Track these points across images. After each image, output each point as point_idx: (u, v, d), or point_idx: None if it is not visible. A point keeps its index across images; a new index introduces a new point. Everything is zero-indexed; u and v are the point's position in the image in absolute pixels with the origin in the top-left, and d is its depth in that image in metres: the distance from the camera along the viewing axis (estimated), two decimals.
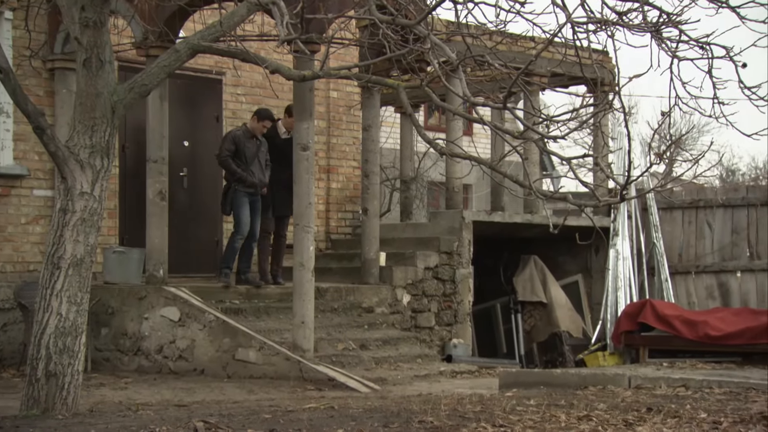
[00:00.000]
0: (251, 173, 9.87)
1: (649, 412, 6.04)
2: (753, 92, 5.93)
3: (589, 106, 8.44)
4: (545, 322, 12.42)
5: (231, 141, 9.90)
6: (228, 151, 9.84)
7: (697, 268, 12.54)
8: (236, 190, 9.81)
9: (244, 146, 9.87)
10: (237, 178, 9.78)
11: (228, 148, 9.86)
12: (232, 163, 9.79)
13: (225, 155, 9.84)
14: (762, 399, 6.73)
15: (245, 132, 10.00)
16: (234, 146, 9.83)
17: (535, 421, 5.67)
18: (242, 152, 9.84)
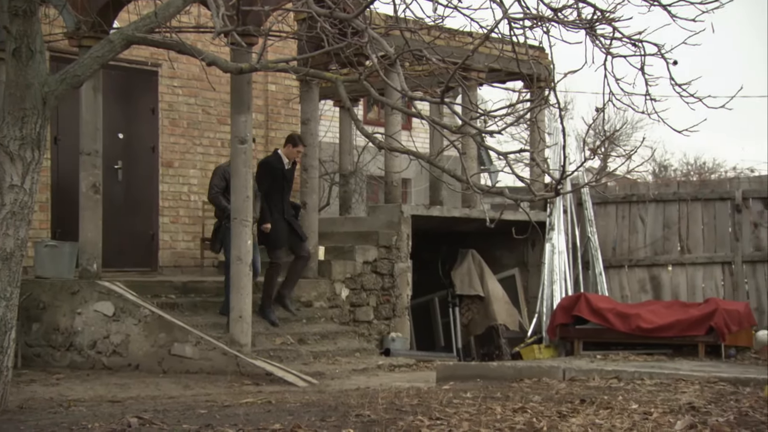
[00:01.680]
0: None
1: (582, 403, 6.14)
2: (684, 89, 6.06)
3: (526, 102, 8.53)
4: (482, 316, 12.53)
5: (221, 176, 9.43)
6: (218, 188, 9.39)
7: (630, 261, 12.77)
8: (227, 228, 9.26)
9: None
10: (227, 214, 9.25)
11: (217, 184, 9.40)
12: (222, 199, 9.33)
13: (215, 192, 9.39)
14: (691, 390, 6.89)
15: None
16: (224, 182, 9.36)
17: (472, 413, 5.72)
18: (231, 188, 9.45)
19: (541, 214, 12.69)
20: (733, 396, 6.54)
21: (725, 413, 5.74)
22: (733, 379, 7.41)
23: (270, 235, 9.77)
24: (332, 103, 14.81)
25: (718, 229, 12.47)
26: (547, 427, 5.28)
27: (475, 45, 5.23)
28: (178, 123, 12.04)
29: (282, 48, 11.44)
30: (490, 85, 12.56)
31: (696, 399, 6.34)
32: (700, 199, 12.54)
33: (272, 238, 9.79)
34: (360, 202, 15.35)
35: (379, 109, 17.37)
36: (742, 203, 12.27)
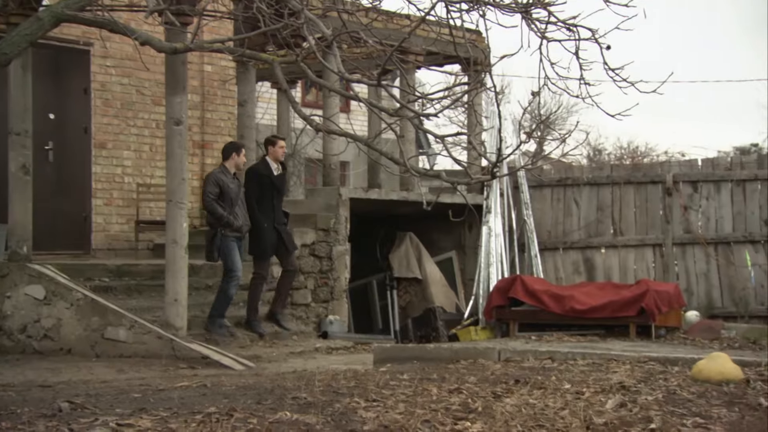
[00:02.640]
0: (236, 216, 9.35)
1: (516, 383, 6.23)
2: (617, 74, 6.14)
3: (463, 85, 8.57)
4: (420, 298, 12.61)
5: (214, 183, 9.24)
6: (213, 195, 9.20)
7: (564, 244, 12.97)
8: (224, 235, 9.19)
9: (228, 187, 9.31)
10: (224, 223, 9.17)
11: (212, 191, 9.21)
12: (218, 207, 9.16)
13: (211, 199, 9.19)
14: (622, 369, 7.04)
15: (225, 171, 9.41)
16: (218, 188, 9.22)
17: (408, 395, 5.77)
18: (227, 194, 9.28)
19: (479, 198, 12.79)
20: (662, 375, 6.70)
21: (654, 392, 5.88)
22: (663, 359, 7.58)
23: (258, 245, 9.64)
24: (270, 85, 14.69)
25: (650, 212, 12.72)
26: (482, 407, 5.34)
27: (412, 27, 5.23)
28: (111, 103, 11.81)
29: (218, 28, 11.29)
30: (427, 68, 12.58)
31: (627, 378, 6.47)
32: (632, 183, 12.78)
33: (260, 248, 9.65)
34: (298, 184, 15.29)
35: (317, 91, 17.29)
36: (673, 187, 12.54)
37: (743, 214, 12.30)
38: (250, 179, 9.75)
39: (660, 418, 4.97)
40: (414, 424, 4.83)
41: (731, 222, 12.35)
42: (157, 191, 11.65)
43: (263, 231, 9.60)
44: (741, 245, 12.25)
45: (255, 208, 9.62)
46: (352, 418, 4.99)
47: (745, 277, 12.22)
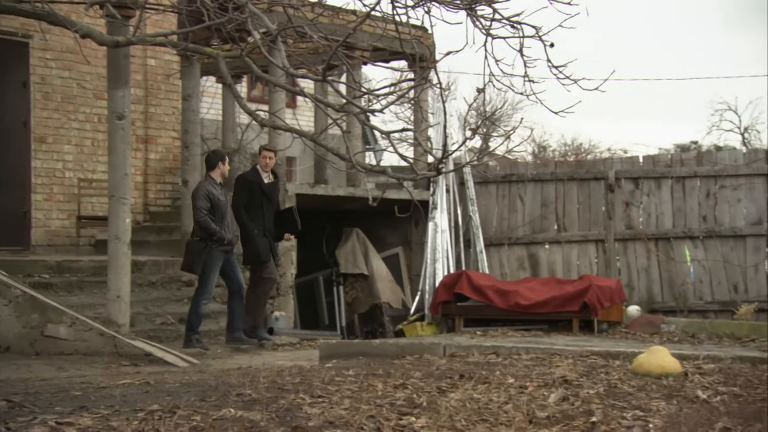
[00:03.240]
0: (227, 229, 9.17)
1: (461, 378, 6.27)
2: (560, 71, 6.21)
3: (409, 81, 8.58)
4: (366, 294, 12.61)
5: (204, 197, 9.00)
6: (205, 209, 8.98)
7: (509, 240, 13.08)
8: (212, 249, 8.99)
9: (218, 200, 9.11)
10: (217, 238, 8.98)
11: (203, 206, 8.97)
12: (211, 223, 8.95)
13: (203, 215, 8.95)
14: (565, 364, 7.12)
15: (213, 183, 9.20)
16: (209, 202, 8.99)
17: (353, 390, 5.76)
18: (217, 207, 9.08)
19: (425, 193, 12.84)
20: (604, 369, 6.79)
21: (596, 385, 5.96)
22: (604, 353, 7.69)
23: (252, 252, 9.51)
24: (215, 80, 14.54)
25: (593, 208, 12.90)
26: (427, 402, 5.37)
27: (357, 23, 5.22)
28: (51, 97, 11.60)
29: (161, 22, 11.15)
30: (373, 64, 12.59)
31: (569, 372, 6.55)
32: (575, 179, 12.94)
33: (255, 254, 9.53)
34: None
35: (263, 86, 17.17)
36: (615, 183, 12.73)
37: (683, 210, 12.54)
38: (240, 186, 9.62)
39: (601, 412, 5.04)
40: (359, 419, 4.83)
41: (671, 218, 12.58)
42: (100, 186, 11.48)
43: (254, 237, 9.46)
44: (680, 241, 12.49)
45: (243, 215, 9.48)
46: (297, 414, 4.97)
47: (684, 273, 12.46)
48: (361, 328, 12.20)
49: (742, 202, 12.35)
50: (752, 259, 12.18)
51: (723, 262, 12.25)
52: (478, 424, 4.84)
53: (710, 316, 12.02)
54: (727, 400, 5.30)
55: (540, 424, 4.82)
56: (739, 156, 12.75)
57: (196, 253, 8.97)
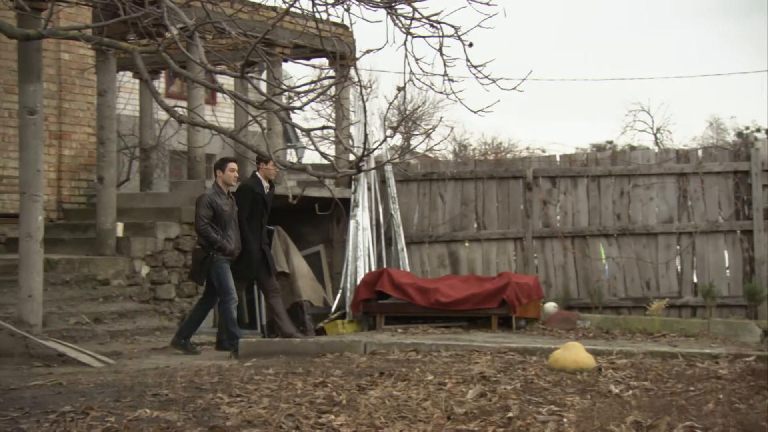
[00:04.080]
0: (229, 239, 8.97)
1: (381, 376, 6.30)
2: (479, 70, 6.27)
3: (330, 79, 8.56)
4: (287, 292, 12.52)
5: (207, 206, 8.82)
6: (206, 218, 8.79)
7: (430, 237, 13.17)
8: (215, 258, 8.83)
9: (221, 209, 8.92)
10: (218, 247, 8.82)
11: (205, 214, 8.79)
12: (212, 232, 8.78)
13: (204, 224, 8.78)
14: (483, 360, 7.22)
15: (219, 191, 9.00)
16: (211, 210, 8.82)
17: (273, 389, 5.74)
18: (220, 216, 8.89)
19: (346, 192, 12.83)
20: (521, 365, 6.90)
21: (513, 381, 6.05)
22: (522, 349, 7.82)
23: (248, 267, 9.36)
24: (131, 75, 14.28)
25: (511, 207, 13.08)
26: (347, 400, 5.38)
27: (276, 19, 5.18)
28: None
29: (75, 15, 10.88)
30: (293, 61, 12.52)
31: (487, 369, 6.64)
32: (495, 178, 13.10)
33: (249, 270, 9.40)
34: (162, 177, 14.93)
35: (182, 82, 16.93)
36: (533, 182, 12.94)
37: (598, 208, 12.81)
38: (245, 197, 9.39)
39: (517, 407, 5.12)
40: (278, 418, 4.81)
41: (587, 216, 12.84)
42: (10, 183, 11.14)
43: (253, 253, 9.33)
44: (596, 239, 12.76)
45: (245, 228, 9.29)
46: (214, 413, 4.92)
47: (599, 270, 12.73)
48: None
49: (654, 201, 12.68)
50: (664, 256, 12.52)
51: (636, 259, 12.56)
52: (397, 421, 4.86)
53: (624, 312, 12.31)
54: (638, 394, 5.44)
55: (458, 420, 4.87)
56: (652, 156, 13.08)
57: (197, 263, 8.96)
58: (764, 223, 12.14)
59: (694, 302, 12.23)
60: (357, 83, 5.94)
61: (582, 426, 4.59)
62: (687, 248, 12.46)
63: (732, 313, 11.99)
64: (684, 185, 12.57)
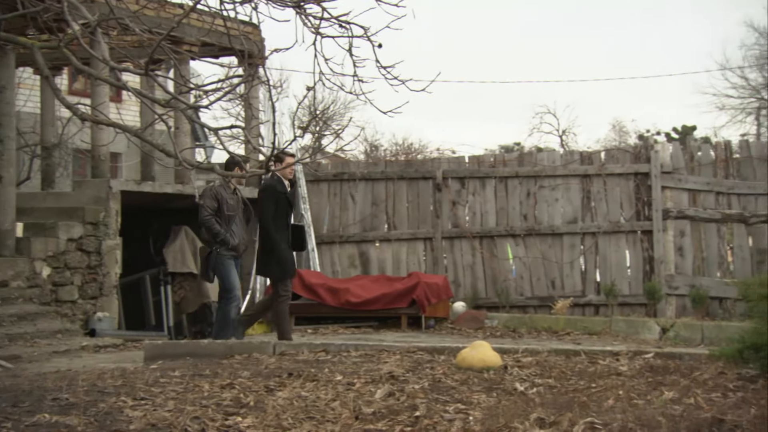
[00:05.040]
0: (233, 234, 8.74)
1: (290, 377, 6.26)
2: (388, 71, 6.29)
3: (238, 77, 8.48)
4: (196, 293, 12.37)
5: (212, 197, 8.63)
6: (211, 209, 8.59)
7: (341, 238, 13.18)
8: (218, 253, 8.63)
9: (226, 203, 8.68)
10: (220, 240, 8.61)
11: (210, 205, 8.60)
12: (215, 224, 8.58)
13: (208, 215, 8.59)
14: (392, 360, 7.24)
15: (225, 185, 8.76)
16: (216, 203, 8.61)
17: (178, 392, 5.65)
18: (223, 209, 8.67)
19: (256, 191, 12.71)
20: (430, 364, 6.95)
21: (421, 380, 6.09)
22: (431, 348, 7.88)
23: (280, 268, 9.02)
24: (32, 71, 13.86)
25: (421, 207, 13.20)
26: (254, 401, 5.33)
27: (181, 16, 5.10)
28: None
29: None
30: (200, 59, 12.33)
31: (396, 368, 6.67)
32: (405, 178, 13.19)
33: (282, 270, 9.04)
34: (65, 176, 14.54)
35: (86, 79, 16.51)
36: (443, 182, 13.08)
37: (505, 209, 13.03)
38: (268, 197, 9.11)
39: (425, 406, 5.16)
40: (183, 421, 4.73)
41: (495, 217, 13.04)
42: None
43: (281, 251, 9.00)
44: (503, 239, 12.98)
45: (272, 228, 9.00)
46: (117, 417, 4.81)
47: (506, 269, 12.96)
48: (190, 328, 11.96)
49: (560, 202, 12.97)
50: (568, 256, 12.82)
51: (542, 259, 12.82)
52: (305, 422, 4.84)
53: (530, 311, 12.56)
54: (542, 391, 5.54)
55: (366, 420, 4.88)
56: (557, 157, 13.38)
57: (203, 260, 8.79)
58: (663, 223, 12.54)
59: (597, 301, 12.56)
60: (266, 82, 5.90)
61: (487, 424, 4.65)
62: (590, 248, 12.78)
63: (633, 311, 12.37)
64: (588, 186, 12.89)
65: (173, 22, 7.71)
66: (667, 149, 12.96)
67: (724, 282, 12.23)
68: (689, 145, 13.18)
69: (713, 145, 13.43)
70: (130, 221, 11.41)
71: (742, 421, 4.33)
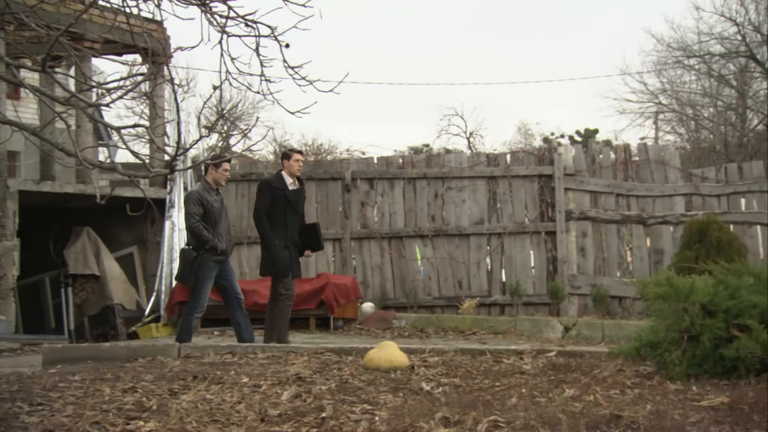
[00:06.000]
0: (220, 237, 8.43)
1: (195, 379, 6.18)
2: (296, 72, 6.27)
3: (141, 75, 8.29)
4: (98, 295, 12.10)
5: (196, 201, 8.31)
6: (197, 215, 8.27)
7: (249, 239, 13.05)
8: (204, 259, 8.32)
9: (211, 206, 8.36)
10: (209, 246, 8.31)
11: (196, 211, 8.29)
12: (203, 230, 8.29)
13: (195, 222, 8.29)
14: (300, 361, 7.22)
15: (208, 187, 8.45)
16: (201, 207, 8.29)
17: (78, 396, 5.51)
18: (210, 213, 8.34)
19: (162, 192, 12.52)
20: (337, 365, 6.95)
21: (328, 381, 6.09)
22: (338, 349, 7.88)
23: (270, 264, 8.76)
24: None
25: (330, 208, 13.18)
26: (157, 405, 5.24)
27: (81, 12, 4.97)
28: None
29: None
30: (102, 56, 12.07)
31: (303, 369, 6.65)
32: (314, 179, 13.15)
33: (272, 267, 8.78)
34: None
35: None
36: (352, 183, 13.09)
37: (414, 210, 13.13)
38: (262, 192, 8.85)
39: (332, 407, 5.16)
40: (82, 426, 4.62)
41: (403, 217, 13.13)
42: None
43: (275, 250, 8.74)
44: (411, 239, 13.07)
45: (265, 224, 8.74)
46: (12, 424, 4.66)
47: (415, 270, 13.05)
48: (92, 331, 11.69)
49: (467, 203, 13.13)
50: (475, 256, 12.99)
51: (449, 259, 12.96)
52: (209, 425, 4.78)
53: (438, 311, 12.69)
54: (447, 390, 5.60)
55: (272, 422, 4.85)
56: (464, 159, 13.54)
57: (186, 263, 8.47)
58: (566, 224, 12.84)
59: (502, 300, 12.77)
60: (170, 81, 5.80)
61: (393, 423, 4.68)
62: (496, 249, 12.99)
63: (537, 310, 12.62)
64: (494, 188, 13.09)
65: (74, 17, 7.51)
66: (569, 152, 13.26)
67: (624, 281, 12.59)
68: (591, 148, 13.51)
69: (614, 148, 13.80)
70: (29, 222, 11.07)
71: (639, 417, 4.46)
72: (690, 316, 5.66)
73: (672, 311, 5.82)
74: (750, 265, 6.39)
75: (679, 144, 27.77)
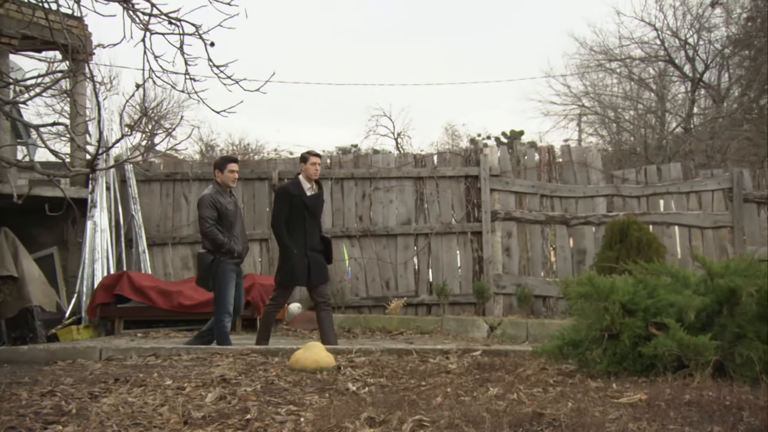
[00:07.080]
0: (236, 240, 8.29)
1: (116, 382, 6.07)
2: (221, 71, 6.22)
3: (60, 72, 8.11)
4: (16, 297, 11.78)
5: (210, 205, 8.16)
6: (212, 219, 8.13)
7: (173, 239, 12.88)
8: (222, 262, 8.19)
9: (226, 209, 8.20)
10: (225, 250, 8.17)
11: (210, 215, 8.14)
12: (219, 234, 8.17)
13: (210, 226, 8.14)
14: (225, 363, 7.15)
15: (221, 190, 8.27)
16: (216, 211, 8.15)
17: None
18: (225, 216, 8.18)
19: (83, 191, 12.26)
20: (263, 366, 6.91)
21: (254, 383, 6.05)
22: (264, 351, 7.83)
23: (287, 273, 8.58)
24: None
25: (257, 208, 13.09)
26: (77, 409, 5.13)
27: None
28: None
29: None
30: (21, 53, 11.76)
31: (228, 371, 6.59)
32: (240, 179, 13.01)
33: (289, 275, 8.59)
34: None
35: None
36: (279, 183, 13.01)
37: (341, 210, 13.12)
38: (280, 200, 8.62)
39: (257, 408, 5.12)
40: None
41: (331, 218, 13.10)
42: None
43: (292, 257, 8.51)
44: (339, 240, 13.06)
45: (284, 232, 8.51)
46: None
47: (342, 270, 13.04)
48: (9, 333, 11.37)
49: (394, 203, 13.18)
50: (402, 256, 13.05)
51: (377, 259, 12.99)
52: (131, 429, 4.71)
53: (365, 311, 12.70)
54: (374, 390, 5.61)
55: (195, 425, 4.79)
56: (392, 159, 13.58)
57: (204, 267, 8.34)
58: (492, 225, 12.99)
59: (429, 300, 12.85)
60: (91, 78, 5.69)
61: (318, 424, 4.67)
62: (423, 249, 13.07)
63: (463, 310, 12.73)
64: (421, 188, 13.17)
65: None
66: (495, 153, 13.42)
67: (547, 281, 12.80)
68: (516, 149, 13.69)
69: (538, 150, 14.01)
70: None
71: (560, 415, 4.54)
72: (610, 315, 5.78)
73: (593, 310, 5.94)
74: (668, 265, 6.56)
75: (602, 146, 28.36)
